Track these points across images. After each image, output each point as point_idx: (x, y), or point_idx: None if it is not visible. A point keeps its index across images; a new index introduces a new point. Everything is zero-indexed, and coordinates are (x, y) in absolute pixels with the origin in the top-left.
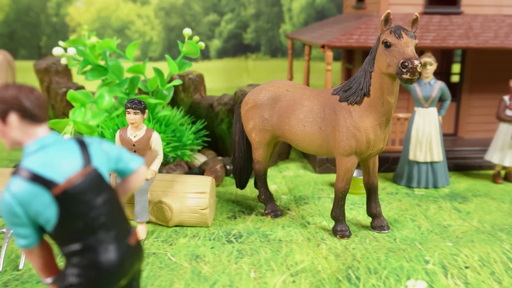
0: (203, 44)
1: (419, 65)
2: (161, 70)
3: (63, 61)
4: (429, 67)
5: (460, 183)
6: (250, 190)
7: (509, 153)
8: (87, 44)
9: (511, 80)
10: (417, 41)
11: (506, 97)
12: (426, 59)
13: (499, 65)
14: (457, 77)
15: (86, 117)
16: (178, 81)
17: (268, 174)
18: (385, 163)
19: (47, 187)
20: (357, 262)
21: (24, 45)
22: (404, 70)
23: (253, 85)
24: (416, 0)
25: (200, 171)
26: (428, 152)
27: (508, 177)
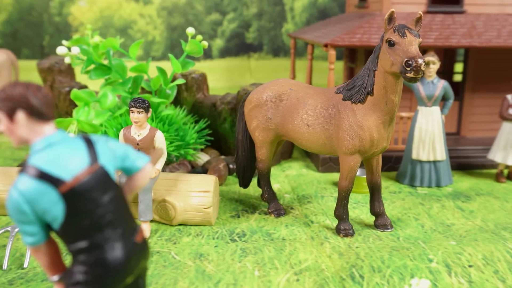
0: (206, 43)
1: (423, 63)
2: (164, 69)
3: (67, 60)
4: (432, 66)
5: (463, 182)
6: (253, 189)
7: None
8: (90, 44)
9: None
10: (421, 39)
11: (509, 96)
12: (429, 58)
13: (502, 64)
14: (459, 76)
15: (89, 116)
16: (181, 80)
17: (271, 173)
18: (388, 162)
19: (54, 185)
20: (361, 260)
21: (27, 45)
22: (408, 69)
23: (256, 84)
24: None
25: (203, 170)
26: (431, 151)
27: (511, 176)
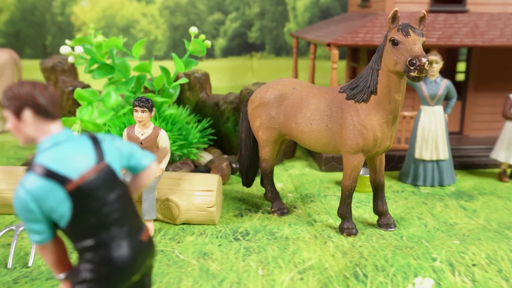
0: (209, 42)
1: (427, 62)
2: (167, 69)
3: (70, 60)
4: (435, 65)
5: (466, 181)
6: (256, 188)
7: None
8: (93, 43)
9: None
10: (424, 39)
11: None
12: (432, 57)
13: (505, 63)
14: (462, 76)
15: (93, 116)
16: (185, 80)
17: (274, 172)
18: (390, 161)
19: (61, 183)
20: (364, 259)
21: (29, 44)
22: (412, 68)
23: (259, 84)
24: None
25: (206, 169)
26: (434, 150)
27: None
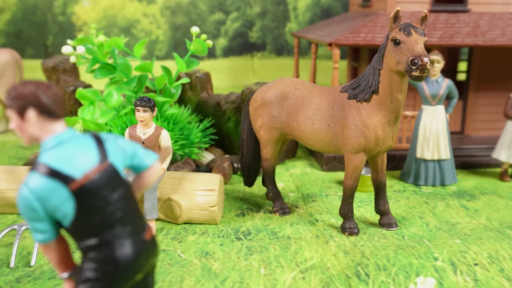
0: (210, 42)
1: (429, 62)
2: (169, 69)
3: (72, 60)
4: (436, 65)
5: (468, 181)
6: (257, 188)
7: None
8: (95, 43)
9: None
10: (426, 38)
11: None
12: (433, 57)
13: (506, 63)
14: (463, 75)
15: (94, 115)
16: (186, 79)
17: (275, 172)
18: (392, 161)
19: (64, 182)
20: (366, 259)
21: (31, 44)
22: (414, 67)
23: (260, 84)
24: None
25: (207, 169)
26: (436, 150)
27: None
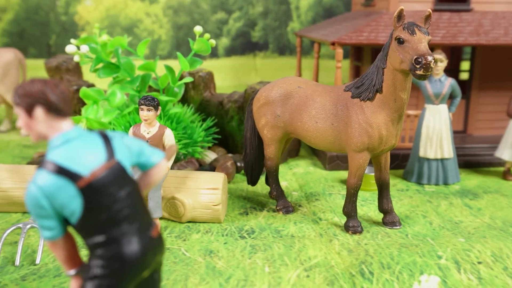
0: (214, 41)
1: (433, 61)
2: (172, 68)
3: (76, 59)
4: (439, 64)
5: (471, 180)
6: (261, 186)
7: None
8: (98, 42)
9: None
10: (430, 37)
11: None
12: (436, 56)
13: (509, 62)
14: (466, 75)
15: (98, 114)
16: (189, 79)
17: (278, 170)
18: (395, 160)
19: (72, 180)
20: (370, 257)
21: (33, 44)
22: (418, 66)
23: (263, 83)
24: None
25: (210, 168)
26: (439, 149)
27: None
